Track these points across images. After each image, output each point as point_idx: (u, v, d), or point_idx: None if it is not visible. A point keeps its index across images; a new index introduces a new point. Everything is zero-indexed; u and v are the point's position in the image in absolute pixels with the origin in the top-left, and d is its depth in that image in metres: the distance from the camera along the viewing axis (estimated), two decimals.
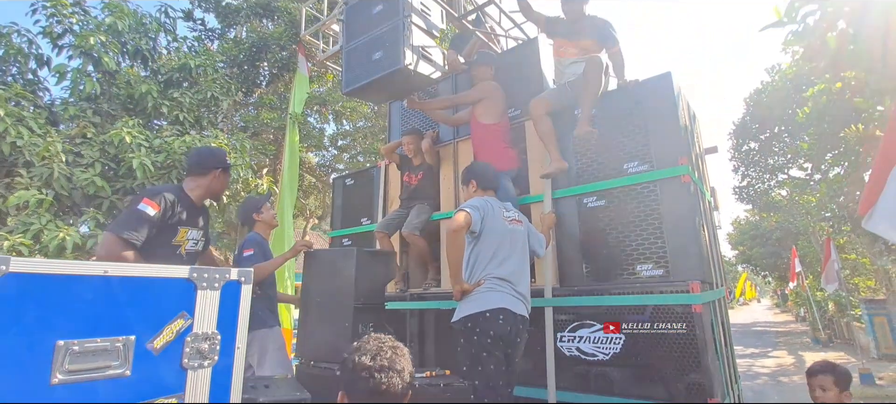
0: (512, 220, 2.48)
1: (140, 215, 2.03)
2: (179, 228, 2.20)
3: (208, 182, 2.36)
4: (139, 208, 2.04)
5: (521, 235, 2.49)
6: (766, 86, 14.28)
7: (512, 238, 2.43)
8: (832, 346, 13.20)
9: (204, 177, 2.36)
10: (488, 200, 2.46)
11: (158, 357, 1.13)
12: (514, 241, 2.44)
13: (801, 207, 16.42)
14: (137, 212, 2.03)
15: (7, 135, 4.59)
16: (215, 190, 2.42)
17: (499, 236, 2.38)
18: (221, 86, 6.56)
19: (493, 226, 2.38)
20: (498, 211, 2.44)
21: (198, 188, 2.34)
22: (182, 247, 2.23)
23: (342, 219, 4.33)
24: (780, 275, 24.44)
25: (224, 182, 2.46)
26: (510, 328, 2.23)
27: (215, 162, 2.40)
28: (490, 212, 2.40)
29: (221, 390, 1.22)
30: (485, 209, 2.39)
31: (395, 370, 1.25)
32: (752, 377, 8.84)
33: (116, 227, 1.99)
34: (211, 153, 2.49)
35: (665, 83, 2.79)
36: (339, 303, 2.59)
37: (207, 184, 2.36)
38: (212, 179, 2.37)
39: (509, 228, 2.44)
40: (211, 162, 2.41)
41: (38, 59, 5.69)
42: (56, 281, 1.02)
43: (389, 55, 2.91)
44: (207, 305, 1.22)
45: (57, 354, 1.00)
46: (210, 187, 2.38)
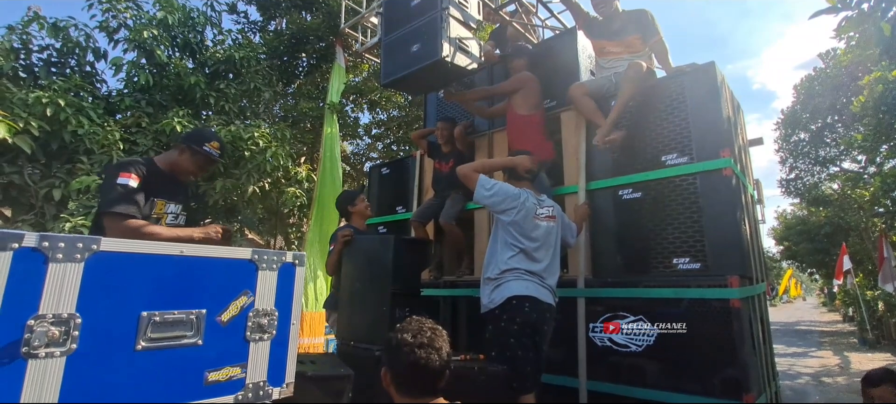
0: (546, 217, 2.51)
1: (124, 188, 1.97)
2: (155, 201, 2.15)
3: (176, 156, 2.29)
4: (119, 182, 1.97)
5: (554, 231, 2.51)
6: (819, 73, 13.47)
7: (545, 236, 2.46)
8: (880, 347, 12.48)
9: (173, 151, 2.33)
10: (526, 196, 2.50)
11: (225, 329, 1.25)
12: (548, 240, 2.47)
13: (853, 202, 15.50)
14: (120, 186, 1.96)
15: (68, 125, 4.94)
16: (182, 166, 2.29)
17: (529, 231, 2.43)
18: (263, 77, 6.81)
19: (523, 219, 2.43)
20: (532, 207, 2.48)
21: (165, 160, 2.29)
22: (162, 220, 2.19)
23: (378, 207, 4.45)
24: (828, 273, 23.18)
25: (192, 162, 2.30)
26: (537, 316, 2.28)
27: (188, 138, 2.33)
28: (524, 206, 2.45)
29: (278, 362, 1.34)
30: (518, 202, 2.45)
31: (433, 348, 1.33)
32: (792, 377, 8.51)
33: (107, 205, 1.95)
34: (194, 132, 2.47)
35: (708, 73, 2.72)
36: (377, 288, 2.70)
37: (175, 159, 2.28)
38: (179, 153, 2.29)
39: (543, 226, 2.47)
40: (183, 137, 2.39)
41: (95, 52, 6.06)
42: (139, 259, 1.15)
43: (427, 47, 2.96)
44: (267, 284, 1.34)
45: (141, 323, 1.13)
46: (176, 162, 2.28)
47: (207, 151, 2.31)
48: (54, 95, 4.83)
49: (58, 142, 4.96)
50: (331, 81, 6.86)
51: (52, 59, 5.80)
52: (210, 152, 2.32)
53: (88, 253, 1.06)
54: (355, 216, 3.35)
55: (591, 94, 3.02)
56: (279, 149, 5.99)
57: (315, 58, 8.27)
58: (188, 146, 2.27)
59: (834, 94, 12.65)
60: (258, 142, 5.77)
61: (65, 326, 1.01)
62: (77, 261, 1.05)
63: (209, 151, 2.31)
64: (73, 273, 1.03)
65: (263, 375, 1.32)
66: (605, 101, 3.05)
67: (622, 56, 3.09)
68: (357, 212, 3.35)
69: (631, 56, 3.07)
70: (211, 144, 2.31)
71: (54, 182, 4.97)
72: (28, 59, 5.59)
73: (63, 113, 4.86)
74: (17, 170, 4.86)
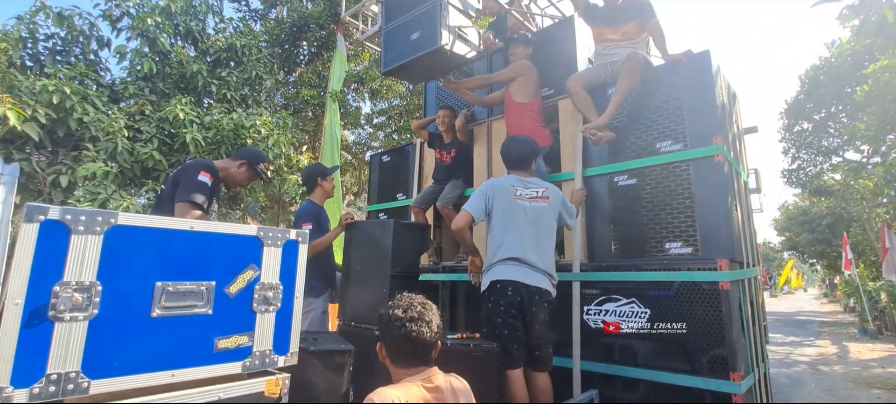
0: (531, 198, 2.56)
1: (202, 185, 2.38)
2: (213, 199, 2.53)
3: (234, 168, 2.71)
4: (200, 179, 2.38)
5: (542, 211, 2.55)
6: (824, 62, 13.36)
7: (526, 215, 2.52)
8: (881, 338, 12.55)
9: (233, 162, 2.73)
10: (500, 182, 2.61)
11: (233, 300, 1.33)
12: (530, 217, 2.52)
13: (856, 192, 15.49)
14: (200, 183, 2.38)
15: (74, 112, 5.01)
16: (236, 177, 2.72)
17: (508, 215, 2.51)
18: (265, 65, 6.85)
19: (500, 208, 2.53)
20: (508, 191, 2.55)
21: (224, 170, 2.69)
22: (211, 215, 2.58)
23: (379, 194, 4.53)
24: (829, 264, 23.27)
25: (246, 176, 2.73)
26: (520, 298, 2.39)
27: (246, 155, 2.75)
28: (498, 194, 2.55)
29: (283, 332, 1.43)
30: (492, 192, 2.56)
31: (424, 321, 1.42)
32: (789, 364, 8.61)
33: (186, 194, 2.30)
34: (253, 151, 2.84)
35: (703, 61, 2.77)
36: (377, 270, 2.79)
37: (232, 170, 2.70)
38: (238, 166, 2.71)
39: (523, 206, 2.53)
40: (243, 153, 2.78)
41: (99, 40, 6.12)
42: (154, 233, 1.23)
43: (427, 36, 3.01)
44: (272, 259, 1.42)
45: (156, 292, 1.21)
46: (232, 173, 2.71)
47: (261, 171, 2.74)
48: (60, 83, 4.90)
49: (64, 130, 5.04)
50: (332, 69, 6.91)
51: (57, 47, 5.86)
52: (263, 173, 2.76)
53: (107, 226, 1.14)
54: (319, 191, 3.28)
55: (588, 85, 3.07)
56: (281, 137, 6.06)
57: (316, 45, 8.30)
58: (248, 162, 2.69)
59: (838, 83, 12.57)
60: (260, 130, 5.84)
61: (87, 293, 1.10)
62: (97, 233, 1.13)
63: (263, 172, 2.75)
64: (93, 244, 1.11)
65: (269, 344, 1.41)
66: (601, 91, 3.10)
67: (620, 43, 3.14)
68: (323, 188, 3.29)
69: (628, 43, 3.12)
70: (264, 166, 2.75)
71: (61, 169, 5.06)
72: (35, 47, 5.66)
73: (69, 100, 4.93)
74: (26, 158, 4.94)
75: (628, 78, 2.85)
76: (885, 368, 8.34)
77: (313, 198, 3.27)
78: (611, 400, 2.64)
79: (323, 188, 3.28)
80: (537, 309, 2.41)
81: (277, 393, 1.37)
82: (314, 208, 3.20)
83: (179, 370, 1.22)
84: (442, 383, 1.41)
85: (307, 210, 3.18)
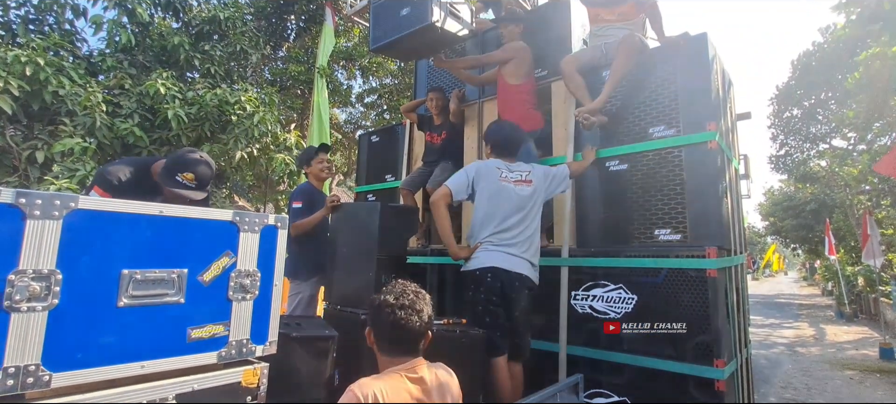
0: (516, 181, 2.52)
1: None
2: None
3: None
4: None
5: (526, 195, 2.51)
6: (817, 47, 13.33)
7: (510, 198, 2.47)
8: (856, 321, 12.94)
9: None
10: (486, 164, 2.55)
11: (208, 288, 1.27)
12: (514, 201, 2.47)
13: (840, 179, 15.72)
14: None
15: (48, 84, 4.80)
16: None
17: (494, 198, 2.46)
18: (250, 39, 6.63)
19: (486, 189, 2.48)
20: (494, 173, 2.50)
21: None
22: None
23: (367, 175, 4.44)
24: (811, 248, 23.77)
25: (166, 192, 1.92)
26: (501, 284, 2.36)
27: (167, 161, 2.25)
28: (484, 176, 2.50)
29: (261, 321, 1.37)
30: (478, 174, 2.51)
31: (415, 310, 1.38)
32: (768, 346, 8.83)
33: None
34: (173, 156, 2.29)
35: (700, 44, 2.71)
36: (363, 254, 2.73)
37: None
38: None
39: (509, 189, 2.48)
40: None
41: (75, 9, 5.82)
42: (119, 218, 1.15)
43: (417, 12, 2.90)
44: (249, 246, 1.36)
45: (122, 281, 1.14)
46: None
47: (181, 183, 1.91)
48: (33, 54, 4.68)
49: (39, 103, 4.83)
50: (320, 45, 6.71)
51: (29, 16, 5.59)
52: (183, 184, 1.91)
53: (66, 210, 1.07)
54: (311, 174, 3.31)
55: (582, 67, 3.00)
56: (267, 114, 5.90)
57: (304, 19, 8.05)
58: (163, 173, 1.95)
59: (829, 70, 12.59)
60: (245, 107, 5.67)
61: (45, 282, 1.03)
62: (55, 218, 1.05)
63: (183, 183, 1.91)
64: (51, 230, 1.04)
65: (246, 333, 1.35)
66: (595, 73, 3.03)
67: (616, 24, 3.05)
68: (311, 171, 3.31)
69: (625, 24, 3.04)
70: (185, 175, 1.91)
71: (37, 144, 4.88)
72: (6, 15, 5.39)
73: (43, 73, 4.71)
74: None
75: (624, 61, 2.78)
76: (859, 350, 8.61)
77: (310, 180, 3.32)
78: (596, 383, 2.65)
79: (312, 171, 3.30)
80: (517, 295, 2.39)
81: (255, 382, 1.33)
82: (308, 188, 3.23)
83: (149, 361, 1.17)
84: (427, 375, 1.37)
85: (301, 189, 3.23)
